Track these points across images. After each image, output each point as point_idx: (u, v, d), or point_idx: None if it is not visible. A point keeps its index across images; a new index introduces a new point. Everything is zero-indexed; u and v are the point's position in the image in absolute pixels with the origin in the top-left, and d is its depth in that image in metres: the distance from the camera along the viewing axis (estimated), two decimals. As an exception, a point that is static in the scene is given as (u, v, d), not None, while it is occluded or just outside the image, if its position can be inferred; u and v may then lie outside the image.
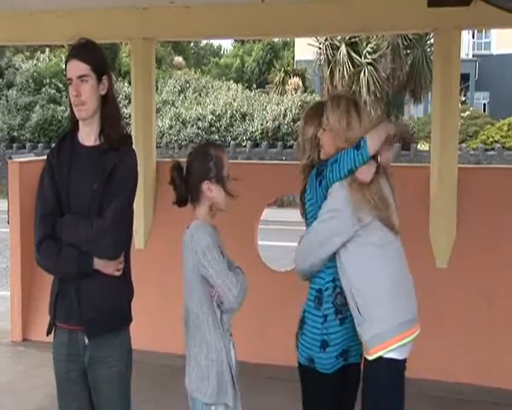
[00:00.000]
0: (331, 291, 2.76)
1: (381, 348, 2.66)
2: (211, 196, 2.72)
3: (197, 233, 2.67)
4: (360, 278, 2.67)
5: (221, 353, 2.67)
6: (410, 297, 2.79)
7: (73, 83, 2.67)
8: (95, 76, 2.68)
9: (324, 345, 2.73)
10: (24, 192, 5.85)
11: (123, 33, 6.13)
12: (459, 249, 5.29)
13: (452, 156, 5.33)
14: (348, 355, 2.79)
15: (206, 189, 2.71)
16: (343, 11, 5.33)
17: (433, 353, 5.15)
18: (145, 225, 5.98)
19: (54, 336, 2.81)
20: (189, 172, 2.73)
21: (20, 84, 23.40)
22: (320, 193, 2.77)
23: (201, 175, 2.70)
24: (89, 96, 2.67)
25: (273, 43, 34.46)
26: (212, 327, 2.67)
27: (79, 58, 2.67)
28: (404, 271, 2.81)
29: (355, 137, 2.71)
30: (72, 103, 2.70)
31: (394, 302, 2.70)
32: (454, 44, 5.25)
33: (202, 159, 2.73)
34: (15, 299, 6.14)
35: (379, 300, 2.67)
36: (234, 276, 2.65)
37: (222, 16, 5.61)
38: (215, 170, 2.70)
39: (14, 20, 6.05)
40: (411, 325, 2.73)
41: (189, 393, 2.76)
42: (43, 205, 2.71)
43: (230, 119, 21.07)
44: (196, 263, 2.65)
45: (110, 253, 2.66)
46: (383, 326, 2.66)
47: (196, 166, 2.73)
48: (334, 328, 2.74)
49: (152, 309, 5.60)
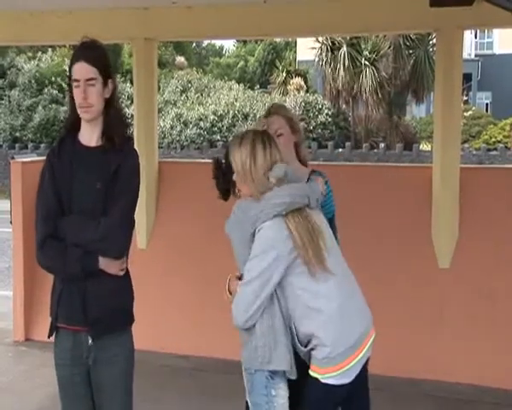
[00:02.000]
0: None
1: (318, 372, 2.60)
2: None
3: (237, 209, 2.64)
4: (299, 312, 2.62)
5: (280, 325, 2.60)
6: (356, 318, 2.67)
7: (81, 85, 2.66)
8: (101, 79, 2.69)
9: None
10: (26, 192, 5.86)
11: (124, 34, 6.13)
12: (461, 250, 5.28)
13: (455, 156, 5.32)
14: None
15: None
16: (345, 11, 5.32)
17: (433, 353, 5.15)
18: (147, 225, 5.98)
19: (56, 340, 2.79)
20: (227, 164, 2.73)
21: (22, 84, 23.46)
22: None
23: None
24: (96, 99, 2.68)
25: (275, 43, 34.45)
26: (270, 306, 2.59)
27: (87, 61, 2.66)
28: (346, 294, 2.65)
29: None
30: (78, 105, 2.69)
31: (335, 331, 2.59)
32: (456, 44, 5.23)
33: (237, 139, 2.75)
34: (18, 299, 6.15)
35: (319, 330, 2.59)
36: None
37: (223, 16, 5.60)
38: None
39: (14, 20, 6.05)
40: (356, 348, 2.63)
41: (245, 365, 2.65)
42: (45, 205, 2.70)
43: (232, 119, 21.10)
44: (252, 233, 2.57)
45: (116, 252, 2.67)
46: (322, 354, 2.59)
47: (231, 146, 2.73)
48: None
49: (153, 309, 5.60)
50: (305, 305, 2.59)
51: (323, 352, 2.58)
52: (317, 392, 2.62)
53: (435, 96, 5.80)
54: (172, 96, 23.19)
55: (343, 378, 2.61)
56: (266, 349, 2.57)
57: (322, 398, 2.63)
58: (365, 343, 2.68)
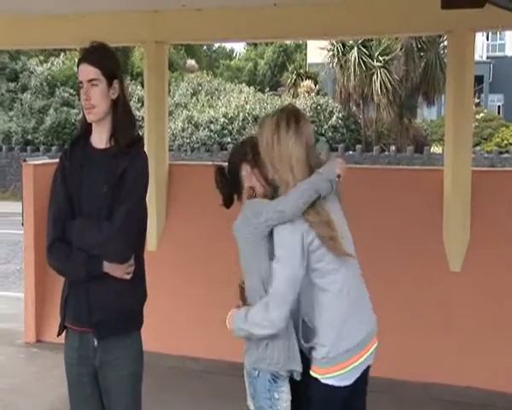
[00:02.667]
0: None
1: (318, 372, 2.59)
2: (250, 179, 2.70)
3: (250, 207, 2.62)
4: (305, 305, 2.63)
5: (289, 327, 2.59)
6: (360, 321, 2.65)
7: (84, 86, 2.68)
8: (105, 80, 2.68)
9: None
10: (38, 195, 5.89)
11: (135, 37, 6.16)
12: (473, 253, 5.25)
13: (466, 159, 5.29)
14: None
15: (245, 171, 2.70)
16: (356, 14, 5.32)
17: (444, 356, 5.12)
18: (157, 227, 5.99)
19: (65, 339, 2.81)
20: (229, 166, 2.74)
21: (34, 87, 23.62)
22: None
23: (239, 160, 2.71)
24: (98, 99, 2.67)
25: (285, 45, 34.46)
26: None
27: (89, 62, 2.68)
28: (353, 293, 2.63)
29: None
30: (83, 106, 2.71)
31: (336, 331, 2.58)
32: (468, 46, 5.22)
33: (239, 146, 2.79)
34: (29, 300, 6.18)
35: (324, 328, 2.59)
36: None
37: (234, 19, 5.61)
38: (251, 153, 2.69)
39: (27, 24, 6.10)
40: (357, 350, 2.61)
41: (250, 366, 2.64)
42: (55, 207, 2.72)
43: (243, 121, 21.12)
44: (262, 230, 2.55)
45: (118, 257, 2.66)
46: (321, 354, 2.58)
47: (234, 154, 2.76)
48: None
49: (163, 311, 5.60)
50: (313, 300, 2.59)
51: (322, 352, 2.57)
52: (319, 392, 2.61)
53: (447, 99, 5.78)
54: (183, 98, 23.25)
55: (344, 380, 2.59)
56: (275, 350, 2.56)
57: (324, 398, 2.62)
58: (367, 348, 2.66)
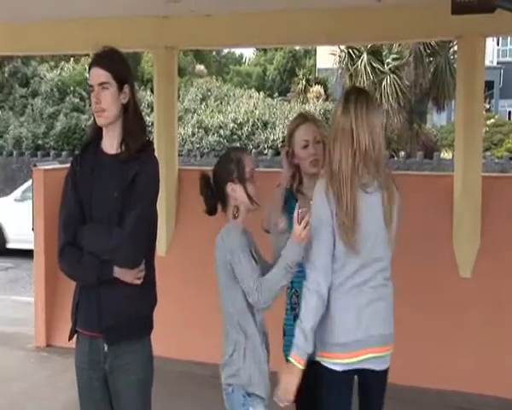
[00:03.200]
0: (289, 291, 3.04)
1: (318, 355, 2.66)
2: (234, 197, 2.76)
3: (228, 233, 2.70)
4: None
5: (257, 346, 2.71)
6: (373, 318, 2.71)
7: (94, 90, 2.69)
8: (115, 84, 2.69)
9: (284, 333, 3.09)
10: (48, 199, 5.91)
11: (145, 42, 6.18)
12: (483, 259, 5.22)
13: (476, 165, 5.27)
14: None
15: (230, 190, 2.75)
16: (365, 19, 5.31)
17: (457, 363, 5.09)
18: (167, 232, 6.00)
19: (76, 344, 2.83)
20: (214, 179, 2.79)
21: (44, 93, 23.76)
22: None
23: (224, 178, 2.75)
24: (109, 103, 2.68)
25: (295, 51, 34.51)
26: (247, 324, 2.70)
27: (100, 66, 2.69)
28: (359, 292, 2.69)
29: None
30: (93, 110, 2.72)
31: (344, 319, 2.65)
32: (478, 52, 5.20)
33: (224, 163, 2.80)
34: (39, 305, 6.20)
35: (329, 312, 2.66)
36: (259, 277, 2.64)
37: (243, 24, 5.62)
38: (236, 171, 2.74)
39: (38, 29, 6.14)
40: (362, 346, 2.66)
41: (225, 381, 2.76)
42: (66, 212, 2.73)
43: (252, 127, 21.13)
44: (226, 261, 2.67)
45: (128, 263, 2.66)
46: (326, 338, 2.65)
47: (219, 170, 2.80)
48: (289, 321, 3.01)
49: (172, 316, 5.61)
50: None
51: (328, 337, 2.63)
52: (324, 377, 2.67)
53: (457, 104, 5.76)
54: (192, 104, 23.29)
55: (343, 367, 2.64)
56: (247, 372, 2.68)
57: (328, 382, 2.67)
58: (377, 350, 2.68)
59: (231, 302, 2.71)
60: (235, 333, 2.71)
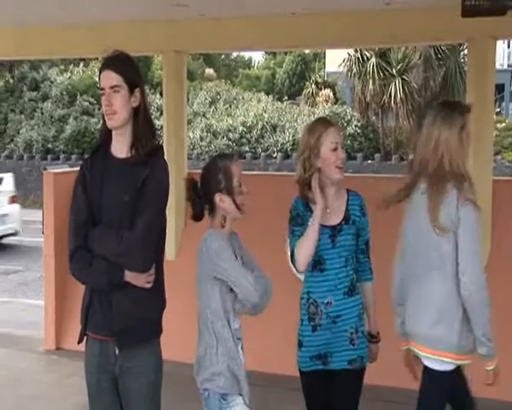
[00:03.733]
0: (305, 301, 3.03)
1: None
2: (223, 207, 2.77)
3: (210, 238, 2.74)
4: None
5: (231, 350, 2.71)
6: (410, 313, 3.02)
7: (105, 93, 2.69)
8: (127, 87, 2.70)
9: (300, 345, 3.05)
10: (58, 203, 5.93)
11: (155, 46, 6.21)
12: (494, 263, 5.18)
13: (487, 168, 5.24)
14: (327, 360, 2.97)
15: (218, 200, 2.76)
16: (374, 22, 5.31)
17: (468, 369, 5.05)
18: (176, 236, 6.01)
19: (85, 347, 2.83)
20: (202, 187, 2.81)
21: (54, 96, 23.87)
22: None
23: (213, 187, 2.76)
24: (120, 106, 2.69)
25: (304, 54, 34.46)
26: (221, 328, 2.72)
27: (112, 69, 2.70)
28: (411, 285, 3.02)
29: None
30: (104, 113, 2.73)
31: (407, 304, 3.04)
32: (489, 54, 5.18)
33: (212, 171, 2.79)
34: (49, 308, 6.22)
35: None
36: (249, 273, 2.68)
37: (252, 28, 5.63)
38: (224, 181, 2.75)
39: (49, 34, 6.18)
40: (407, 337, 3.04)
41: (201, 386, 2.79)
42: (76, 216, 2.73)
43: (261, 130, 21.12)
44: (210, 267, 2.70)
45: (139, 266, 2.67)
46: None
47: (208, 179, 2.80)
48: (306, 332, 3.01)
49: (183, 320, 5.60)
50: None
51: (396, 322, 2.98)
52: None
53: (467, 107, 5.72)
54: (201, 107, 23.33)
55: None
56: (221, 377, 2.70)
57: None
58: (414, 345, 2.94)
59: (208, 306, 2.74)
60: (207, 335, 2.74)
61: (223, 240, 2.73)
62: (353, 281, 3.02)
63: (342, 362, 2.95)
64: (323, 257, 2.97)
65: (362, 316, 3.03)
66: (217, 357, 2.71)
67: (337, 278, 2.96)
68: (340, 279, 2.96)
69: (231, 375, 2.70)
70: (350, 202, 3.04)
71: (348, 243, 2.99)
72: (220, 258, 2.68)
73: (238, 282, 2.66)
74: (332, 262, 2.96)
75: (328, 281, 2.96)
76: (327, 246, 2.96)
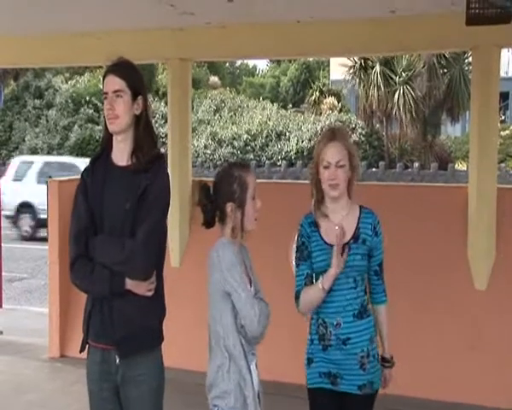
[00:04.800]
0: (315, 321, 2.93)
1: None
2: (233, 218, 2.71)
3: (222, 249, 2.68)
4: None
5: (243, 369, 2.66)
6: None
7: (108, 97, 2.70)
8: (130, 93, 2.70)
9: (310, 362, 2.95)
10: (63, 210, 5.94)
11: (160, 54, 6.22)
12: (499, 271, 5.17)
13: (491, 176, 5.23)
14: (336, 381, 2.87)
15: (229, 210, 2.70)
16: (379, 31, 5.31)
17: (472, 376, 5.03)
18: (180, 243, 6.01)
19: (87, 355, 2.82)
20: (215, 193, 2.74)
21: (59, 104, 23.96)
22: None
23: (226, 196, 2.70)
24: (122, 111, 2.68)
25: (308, 62, 34.52)
26: (233, 346, 2.66)
27: (116, 74, 2.70)
28: None
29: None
30: (106, 117, 2.73)
31: None
32: (494, 62, 5.17)
33: (227, 180, 2.73)
34: (53, 315, 6.22)
35: None
36: (256, 303, 2.62)
37: (258, 36, 5.64)
38: (239, 191, 2.69)
39: (54, 42, 6.20)
40: None
41: (211, 402, 2.75)
42: (77, 224, 2.73)
43: (266, 138, 21.15)
44: (221, 279, 2.65)
45: (140, 275, 2.66)
46: None
47: (221, 187, 2.73)
48: (317, 352, 2.92)
49: (187, 327, 5.60)
50: None
51: None
52: None
53: (471, 115, 5.73)
54: (206, 115, 23.38)
55: None
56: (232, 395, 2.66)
57: None
58: None
59: (219, 321, 2.68)
60: (220, 353, 2.69)
61: (235, 254, 2.66)
62: (364, 303, 2.89)
63: (352, 386, 2.85)
64: None
65: (374, 339, 2.90)
66: (228, 375, 2.66)
67: (345, 300, 2.84)
68: (349, 301, 2.84)
69: (241, 394, 2.66)
70: (361, 219, 2.90)
71: (357, 263, 2.84)
72: (232, 275, 2.62)
73: (245, 310, 2.61)
74: (340, 283, 2.83)
75: (335, 302, 2.85)
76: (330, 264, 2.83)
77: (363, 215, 2.91)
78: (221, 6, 4.91)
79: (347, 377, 2.84)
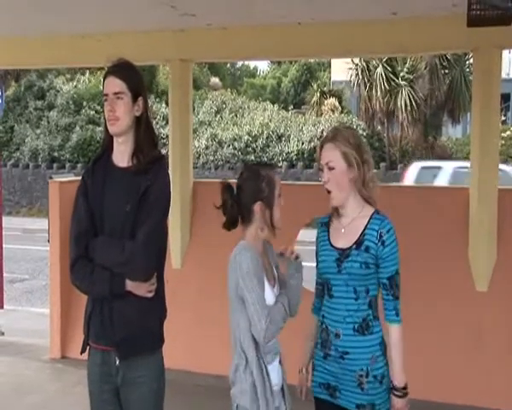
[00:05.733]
0: (321, 324, 2.83)
1: None
2: (262, 217, 2.71)
3: (240, 255, 2.66)
4: None
5: (256, 370, 2.66)
6: None
7: (109, 99, 2.70)
8: (130, 95, 2.70)
9: (314, 368, 2.87)
10: (64, 211, 5.94)
11: (161, 55, 6.22)
12: (500, 273, 5.17)
13: (492, 178, 5.22)
14: (335, 394, 2.75)
15: (259, 209, 2.70)
16: (381, 32, 5.31)
17: (473, 378, 5.03)
18: (182, 244, 6.00)
19: (88, 356, 2.83)
20: (240, 193, 2.73)
21: (60, 105, 23.91)
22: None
23: (254, 195, 2.69)
24: (122, 112, 2.69)
25: (309, 63, 34.50)
26: (247, 349, 2.66)
27: (116, 75, 2.70)
28: None
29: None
30: (106, 118, 2.72)
31: None
32: (494, 64, 5.17)
33: (254, 179, 2.72)
34: (54, 316, 6.22)
35: None
36: (266, 309, 2.62)
37: (259, 37, 5.64)
38: (267, 190, 2.69)
39: (55, 43, 6.20)
40: None
41: (232, 398, 2.76)
42: (77, 225, 2.73)
43: (266, 139, 21.12)
44: (238, 285, 2.65)
45: (141, 276, 2.66)
46: None
47: (249, 186, 2.72)
48: (319, 359, 2.82)
49: (188, 329, 5.60)
50: None
51: None
52: None
53: (473, 117, 5.73)
54: (207, 116, 23.35)
55: None
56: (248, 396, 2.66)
57: None
58: None
59: (237, 324, 2.69)
60: (238, 355, 2.70)
61: (254, 259, 2.63)
62: (367, 318, 2.69)
63: (350, 403, 2.70)
64: (330, 282, 2.75)
65: (378, 359, 2.68)
66: (245, 375, 2.66)
67: (346, 310, 2.70)
68: (349, 312, 2.69)
69: (255, 394, 2.66)
70: (369, 225, 2.71)
71: (355, 271, 2.67)
72: (245, 283, 2.61)
73: (253, 321, 2.62)
74: (339, 290, 2.71)
75: (336, 310, 2.73)
76: (332, 270, 2.73)
77: (372, 221, 2.72)
78: (222, 7, 4.91)
79: (345, 393, 2.71)
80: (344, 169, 2.73)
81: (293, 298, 2.75)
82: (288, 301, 2.72)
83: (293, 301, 2.75)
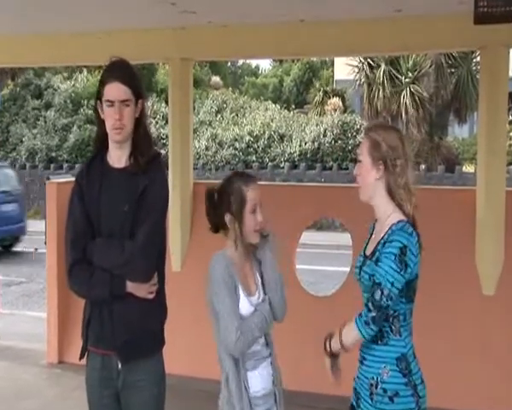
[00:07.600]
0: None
1: None
2: (232, 228, 2.68)
3: (211, 267, 2.67)
4: None
5: (237, 381, 2.63)
6: None
7: (115, 106, 2.63)
8: (134, 100, 2.67)
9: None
10: (61, 213, 5.84)
11: (161, 54, 6.19)
12: (507, 276, 5.10)
13: (500, 179, 5.16)
14: (358, 402, 2.69)
15: (228, 221, 2.67)
16: (385, 30, 5.26)
17: (479, 382, 4.97)
18: (182, 246, 5.94)
19: (87, 361, 2.79)
20: (216, 202, 2.71)
21: (58, 104, 23.77)
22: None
23: (224, 207, 2.67)
24: (128, 120, 2.66)
25: (311, 62, 34.46)
26: (226, 357, 2.65)
27: (123, 81, 2.64)
28: None
29: None
30: (112, 126, 2.66)
31: None
32: (502, 62, 5.10)
33: (226, 191, 2.68)
34: (52, 320, 6.18)
35: None
36: (237, 321, 2.57)
37: (260, 35, 5.59)
38: (235, 205, 2.64)
39: (54, 41, 6.16)
40: None
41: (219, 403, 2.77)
42: (73, 228, 2.70)
43: (268, 140, 21.02)
44: (211, 295, 2.66)
45: (141, 277, 2.64)
46: None
47: (220, 196, 2.70)
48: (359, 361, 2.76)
49: (188, 333, 5.54)
50: None
51: None
52: None
53: (479, 117, 5.66)
54: (208, 116, 23.25)
55: None
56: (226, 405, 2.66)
57: None
58: None
59: (216, 333, 2.67)
60: (220, 363, 2.70)
61: (226, 270, 2.62)
62: (384, 330, 2.61)
63: None
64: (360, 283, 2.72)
65: (392, 374, 2.59)
66: (225, 384, 2.67)
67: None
68: None
69: (231, 405, 2.64)
70: (385, 236, 2.59)
71: (366, 282, 2.61)
72: (217, 295, 2.62)
73: (222, 334, 2.60)
74: (363, 296, 2.66)
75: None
76: (356, 276, 2.70)
77: (389, 232, 2.58)
78: (222, 4, 4.85)
79: (362, 401, 2.67)
80: (369, 165, 2.63)
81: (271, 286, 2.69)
82: (268, 309, 2.66)
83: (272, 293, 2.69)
